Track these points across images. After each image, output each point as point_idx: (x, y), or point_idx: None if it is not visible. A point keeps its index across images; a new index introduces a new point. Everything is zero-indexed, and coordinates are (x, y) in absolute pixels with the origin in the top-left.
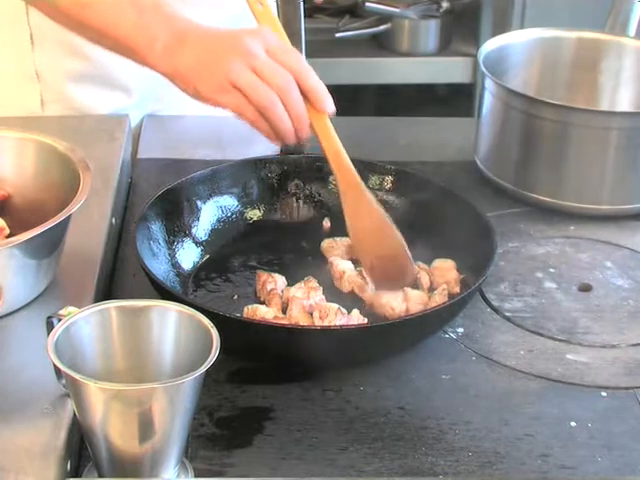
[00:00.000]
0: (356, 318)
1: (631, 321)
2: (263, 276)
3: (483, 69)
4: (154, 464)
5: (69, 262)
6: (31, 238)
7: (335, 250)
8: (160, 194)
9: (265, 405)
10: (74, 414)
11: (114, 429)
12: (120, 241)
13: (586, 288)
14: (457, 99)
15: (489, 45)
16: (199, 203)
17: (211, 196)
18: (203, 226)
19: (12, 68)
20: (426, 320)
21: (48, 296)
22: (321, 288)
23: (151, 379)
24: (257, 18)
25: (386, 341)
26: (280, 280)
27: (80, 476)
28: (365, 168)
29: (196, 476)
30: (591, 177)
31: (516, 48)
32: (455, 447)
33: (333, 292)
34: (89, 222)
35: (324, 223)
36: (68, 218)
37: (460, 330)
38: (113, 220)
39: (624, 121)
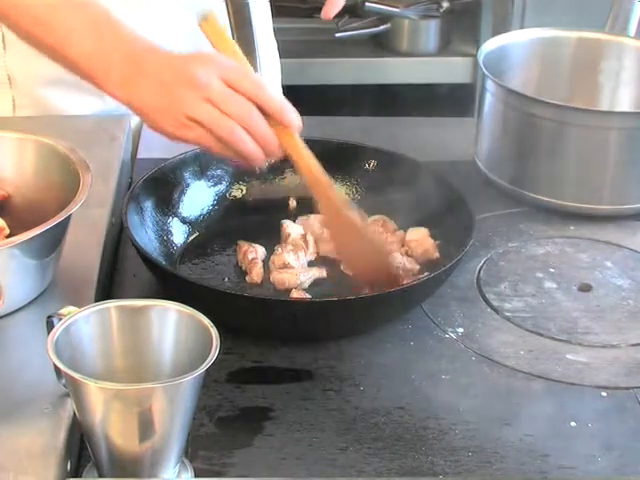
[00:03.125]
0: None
1: (631, 321)
2: (244, 246)
3: (483, 69)
4: (154, 464)
5: (69, 262)
6: (31, 238)
7: (310, 227)
8: (150, 174)
9: (265, 405)
10: (74, 414)
11: (114, 429)
12: (120, 241)
13: (586, 288)
14: (457, 99)
15: (489, 45)
16: (188, 182)
17: (199, 176)
18: (191, 205)
19: None
20: (422, 286)
21: (48, 296)
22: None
23: (151, 379)
24: (211, 41)
25: (374, 311)
26: (260, 250)
27: (80, 476)
28: (350, 150)
29: (196, 476)
30: (591, 177)
31: (516, 48)
32: (455, 447)
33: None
34: (89, 222)
35: (289, 203)
36: (68, 218)
37: (460, 330)
38: (113, 220)
39: (624, 121)
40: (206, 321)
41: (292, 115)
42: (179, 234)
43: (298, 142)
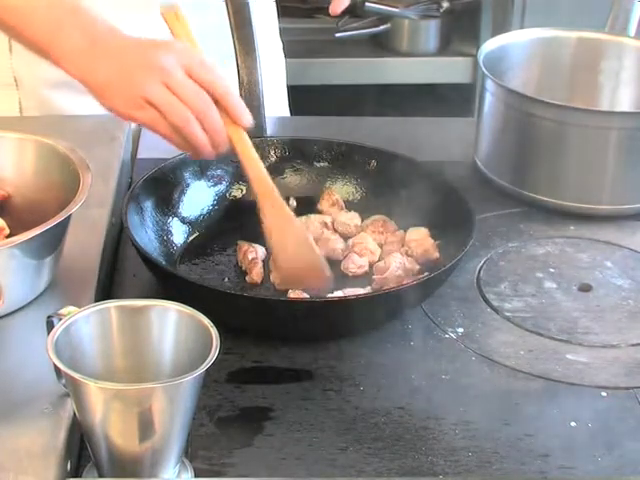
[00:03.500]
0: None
1: (631, 321)
2: (244, 246)
3: (483, 69)
4: (154, 464)
5: (69, 262)
6: (31, 238)
7: (310, 227)
8: (150, 174)
9: (265, 405)
10: (74, 414)
11: (114, 429)
12: (120, 241)
13: (586, 288)
14: (457, 99)
15: (489, 45)
16: (188, 182)
17: (199, 176)
18: (191, 205)
19: None
20: (422, 286)
21: (48, 296)
22: None
23: (151, 379)
24: (173, 31)
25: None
26: (260, 250)
27: (80, 476)
28: (350, 150)
29: (196, 476)
30: (591, 177)
31: (516, 48)
32: (455, 447)
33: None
34: (89, 222)
35: (289, 203)
36: (68, 218)
37: (460, 330)
38: (113, 220)
39: (624, 121)
40: (206, 321)
41: (246, 114)
42: (179, 234)
43: (246, 139)
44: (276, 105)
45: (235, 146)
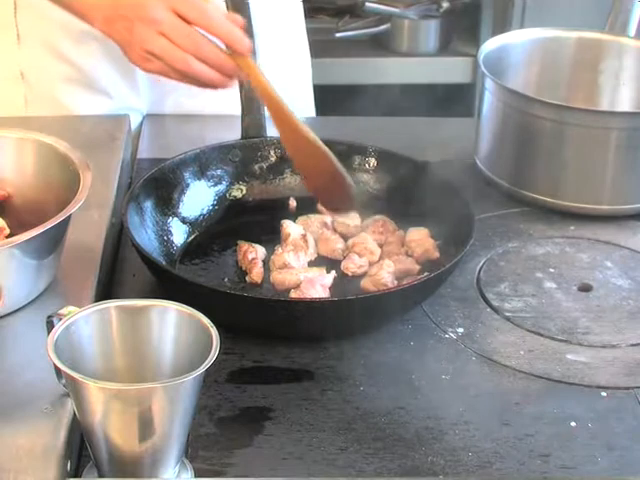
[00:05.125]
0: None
1: (631, 321)
2: (244, 246)
3: (483, 69)
4: (154, 464)
5: (69, 262)
6: (31, 238)
7: (310, 227)
8: (150, 174)
9: (265, 405)
10: (74, 414)
11: (114, 429)
12: (120, 241)
13: (586, 288)
14: (457, 99)
15: (489, 45)
16: (188, 182)
17: (199, 176)
18: (191, 205)
19: None
20: (422, 286)
21: (48, 296)
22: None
23: (151, 379)
24: None
25: (374, 311)
26: (260, 250)
27: (80, 476)
28: (349, 150)
29: (196, 476)
30: (591, 177)
31: (516, 48)
32: (455, 447)
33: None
34: (89, 222)
35: (290, 202)
36: (68, 218)
37: (460, 330)
38: (113, 220)
39: (624, 121)
40: (206, 321)
41: (243, 40)
42: (179, 234)
43: (252, 64)
44: (302, 105)
45: (244, 71)
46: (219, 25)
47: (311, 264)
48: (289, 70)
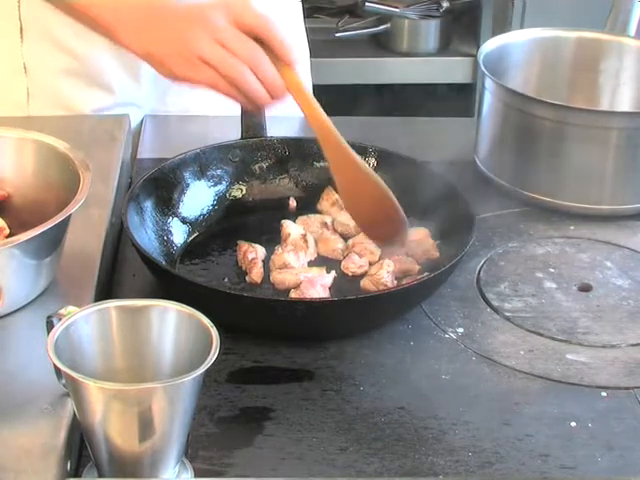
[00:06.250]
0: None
1: (631, 321)
2: (244, 246)
3: (483, 69)
4: (154, 464)
5: (69, 262)
6: (31, 238)
7: (310, 227)
8: (150, 174)
9: (265, 405)
10: (74, 414)
11: (114, 429)
12: (120, 241)
13: (586, 288)
14: (457, 99)
15: (489, 45)
16: (188, 182)
17: (199, 176)
18: (191, 205)
19: (0, 59)
20: (422, 286)
21: (48, 296)
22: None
23: (151, 379)
24: None
25: (375, 311)
26: (260, 250)
27: (80, 476)
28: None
29: (196, 476)
30: (591, 177)
31: (516, 48)
32: (455, 447)
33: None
34: (89, 222)
35: (290, 202)
36: (68, 218)
37: (460, 330)
38: (113, 220)
39: (624, 121)
40: (206, 321)
41: (290, 50)
42: (179, 234)
43: (299, 81)
44: None
45: (290, 89)
46: (277, 35)
47: (311, 264)
48: None
